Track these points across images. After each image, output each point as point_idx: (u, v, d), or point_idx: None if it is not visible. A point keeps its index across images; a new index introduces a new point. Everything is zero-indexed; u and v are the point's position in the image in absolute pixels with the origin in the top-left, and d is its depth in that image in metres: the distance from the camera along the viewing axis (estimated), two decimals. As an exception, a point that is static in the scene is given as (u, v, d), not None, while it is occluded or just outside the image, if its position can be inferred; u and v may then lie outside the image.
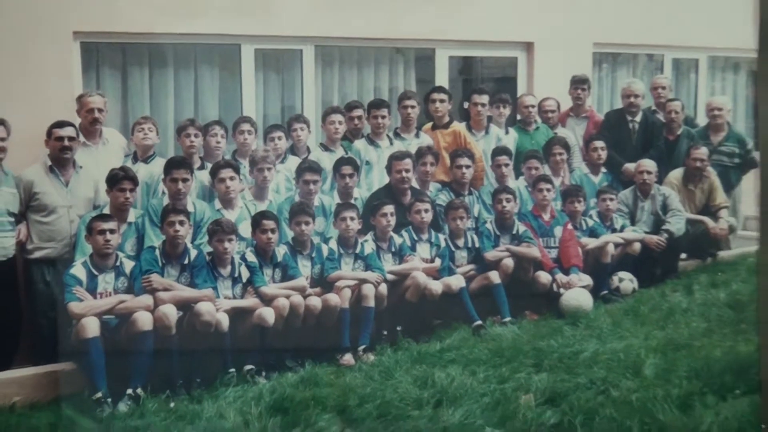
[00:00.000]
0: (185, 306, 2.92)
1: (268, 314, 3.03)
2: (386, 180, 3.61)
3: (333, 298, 3.18)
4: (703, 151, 4.13)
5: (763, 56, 2.05)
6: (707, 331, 2.97)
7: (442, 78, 4.35)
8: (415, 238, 3.49)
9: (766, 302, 2.20)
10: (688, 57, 5.02)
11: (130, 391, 2.75)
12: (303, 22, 3.42)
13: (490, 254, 3.59)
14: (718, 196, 4.21)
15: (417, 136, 3.85)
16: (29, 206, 3.08)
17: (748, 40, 2.07)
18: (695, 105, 4.95)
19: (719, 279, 3.70)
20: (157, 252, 3.00)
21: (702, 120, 4.54)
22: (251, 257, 3.13)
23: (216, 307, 2.95)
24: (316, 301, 3.15)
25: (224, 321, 2.95)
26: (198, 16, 2.95)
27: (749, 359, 2.58)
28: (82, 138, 3.24)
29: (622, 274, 3.87)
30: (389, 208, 3.41)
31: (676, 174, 4.22)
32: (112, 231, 2.88)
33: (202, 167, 3.41)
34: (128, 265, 2.92)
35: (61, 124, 3.11)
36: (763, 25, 1.99)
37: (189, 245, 3.07)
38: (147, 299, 2.87)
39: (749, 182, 4.00)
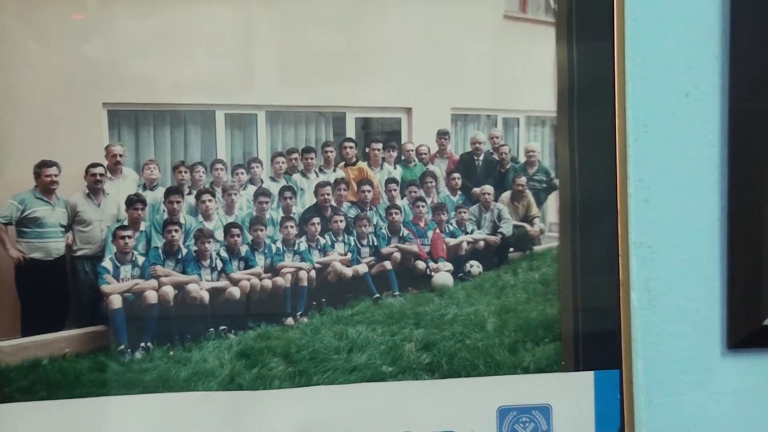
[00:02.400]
0: (179, 286, 2.95)
1: (236, 291, 3.04)
2: (314, 201, 3.63)
3: (279, 280, 3.20)
4: (523, 180, 4.18)
5: (560, 115, 2.13)
6: (527, 300, 3.02)
7: (350, 132, 4.36)
8: (334, 239, 3.52)
9: (564, 281, 2.29)
10: (513, 116, 5.07)
11: (143, 344, 2.76)
12: (257, 96, 3.43)
13: (385, 250, 3.63)
14: (532, 209, 4.26)
15: (334, 171, 3.87)
16: (74, 220, 3.05)
17: (550, 104, 2.15)
18: (518, 148, 5.01)
19: (534, 265, 3.74)
20: (160, 251, 3.01)
21: (522, 158, 4.63)
22: (223, 253, 3.13)
23: (200, 287, 2.99)
24: (268, 283, 3.16)
25: (206, 297, 2.95)
26: (186, 93, 2.96)
27: (554, 318, 2.63)
28: (108, 174, 3.23)
29: (472, 262, 3.89)
30: (316, 220, 3.42)
31: (506, 195, 4.27)
32: (129, 237, 2.87)
33: (189, 193, 3.40)
34: (140, 260, 2.91)
35: (94, 165, 3.06)
36: (558, 94, 2.07)
37: (181, 246, 3.07)
38: (153, 282, 2.87)
39: (552, 200, 4.08)
